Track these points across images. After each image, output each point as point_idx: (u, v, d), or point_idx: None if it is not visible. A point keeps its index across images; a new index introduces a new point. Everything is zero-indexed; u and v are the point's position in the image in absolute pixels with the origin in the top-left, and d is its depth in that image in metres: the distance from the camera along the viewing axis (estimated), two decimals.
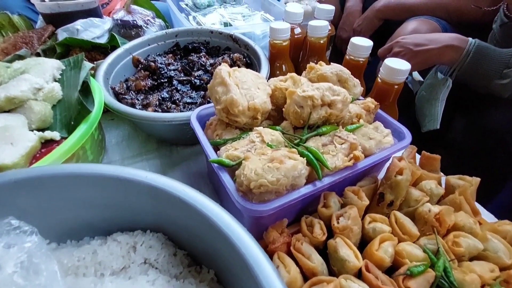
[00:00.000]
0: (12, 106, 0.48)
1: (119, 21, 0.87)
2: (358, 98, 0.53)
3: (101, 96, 0.55)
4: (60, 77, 0.56)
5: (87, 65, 0.58)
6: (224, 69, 0.46)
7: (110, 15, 0.92)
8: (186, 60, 0.75)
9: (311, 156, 0.39)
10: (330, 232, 0.39)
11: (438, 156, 0.50)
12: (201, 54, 0.76)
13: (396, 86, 0.56)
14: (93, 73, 0.64)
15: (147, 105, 0.63)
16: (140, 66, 0.73)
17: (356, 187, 0.43)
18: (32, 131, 0.47)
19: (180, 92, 0.67)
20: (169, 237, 0.37)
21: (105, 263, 0.33)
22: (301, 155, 0.39)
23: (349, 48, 0.63)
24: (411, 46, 0.73)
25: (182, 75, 0.71)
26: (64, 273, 0.32)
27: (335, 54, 1.11)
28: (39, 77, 0.52)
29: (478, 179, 0.46)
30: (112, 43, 0.78)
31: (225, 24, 0.99)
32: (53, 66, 0.56)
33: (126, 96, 0.64)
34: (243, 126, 0.46)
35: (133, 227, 0.37)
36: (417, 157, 0.54)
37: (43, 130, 0.48)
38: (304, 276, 0.36)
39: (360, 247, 0.38)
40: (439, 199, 0.46)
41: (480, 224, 0.42)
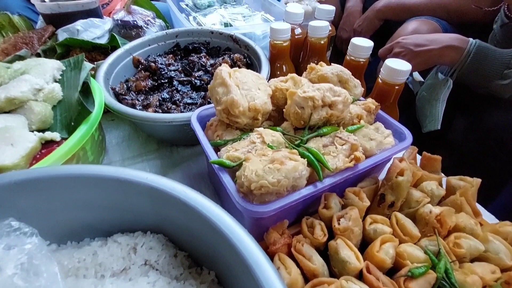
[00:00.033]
0: (13, 106, 0.48)
1: (119, 21, 0.87)
2: (358, 99, 0.53)
3: (101, 96, 0.54)
4: (60, 77, 0.56)
5: (88, 66, 0.58)
6: (224, 69, 0.46)
7: (110, 16, 0.92)
8: (186, 61, 0.75)
9: (312, 157, 0.38)
10: (331, 233, 0.39)
11: (439, 157, 0.50)
12: (201, 54, 0.76)
13: (396, 87, 0.56)
14: (93, 73, 0.64)
15: (147, 105, 0.63)
16: (140, 66, 0.72)
17: (357, 188, 0.43)
18: (32, 132, 0.47)
19: (180, 93, 0.67)
20: (170, 238, 0.37)
21: (105, 265, 0.33)
22: (302, 156, 0.38)
23: (350, 49, 0.63)
24: (412, 46, 0.73)
25: (182, 75, 0.71)
26: (64, 274, 0.32)
27: (336, 55, 1.11)
28: (40, 77, 0.52)
29: (479, 180, 0.46)
30: (113, 44, 0.78)
31: (225, 25, 0.99)
32: (54, 66, 0.56)
33: (126, 97, 0.64)
34: (244, 127, 0.46)
35: (134, 228, 0.37)
36: (418, 157, 0.54)
37: (43, 131, 0.48)
38: (305, 278, 0.35)
39: (361, 248, 0.38)
40: (440, 200, 0.46)
41: (481, 225, 0.41)
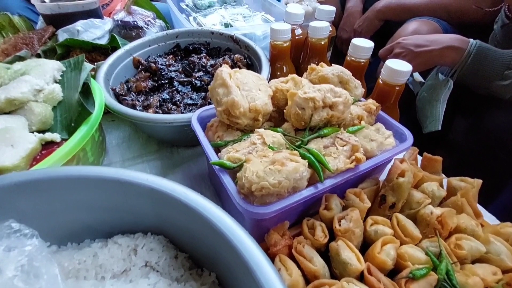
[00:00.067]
0: (13, 107, 0.48)
1: (119, 22, 0.87)
2: (359, 100, 0.53)
3: (101, 97, 0.54)
4: (60, 78, 0.56)
5: (88, 66, 0.58)
6: (225, 70, 0.46)
7: (110, 16, 0.92)
8: (186, 61, 0.75)
9: (312, 158, 0.38)
10: (332, 234, 0.39)
11: (439, 158, 0.50)
12: (201, 55, 0.75)
13: (397, 88, 0.56)
14: (93, 74, 0.63)
15: (147, 106, 0.62)
16: (140, 67, 0.72)
17: (357, 189, 0.43)
18: (32, 132, 0.47)
19: (180, 93, 0.66)
20: (170, 240, 0.36)
21: (106, 266, 0.33)
22: (303, 157, 0.38)
23: (350, 49, 0.63)
24: (412, 47, 0.73)
25: (182, 76, 0.71)
26: (64, 276, 0.32)
27: (336, 55, 1.11)
28: (40, 78, 0.52)
29: (480, 181, 0.46)
30: (113, 44, 0.78)
31: (225, 25, 0.99)
32: (54, 67, 0.56)
33: (126, 98, 0.64)
34: (244, 127, 0.46)
35: (134, 229, 0.37)
36: (419, 158, 0.54)
37: (43, 132, 0.48)
38: (306, 279, 0.35)
39: (362, 250, 0.38)
40: (441, 201, 0.46)
41: (482, 226, 0.41)
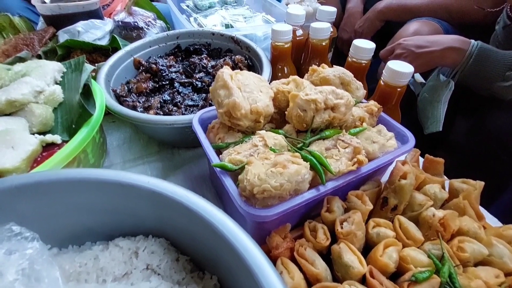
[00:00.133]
0: (13, 109, 0.48)
1: (120, 22, 0.87)
2: (361, 101, 0.53)
3: (102, 98, 0.54)
4: (61, 79, 0.56)
5: (88, 68, 0.58)
6: (226, 72, 0.46)
7: (110, 17, 0.91)
8: (187, 62, 0.75)
9: (314, 160, 0.38)
10: (334, 237, 0.39)
11: (441, 160, 0.49)
12: (202, 56, 0.75)
13: (399, 89, 0.56)
14: (94, 75, 0.63)
15: (148, 107, 0.62)
16: (141, 68, 0.72)
17: (359, 191, 0.43)
18: (33, 134, 0.46)
19: (181, 95, 0.66)
20: (172, 242, 0.36)
21: (107, 269, 0.33)
22: (305, 159, 0.38)
23: (352, 50, 0.63)
24: (413, 48, 0.73)
25: (183, 77, 0.71)
26: (65, 279, 0.32)
27: (337, 56, 1.11)
28: (40, 79, 0.52)
29: (482, 182, 0.45)
30: (113, 45, 0.78)
31: (226, 26, 0.99)
32: (54, 68, 0.56)
33: (127, 99, 0.64)
34: (246, 129, 0.46)
35: (135, 232, 0.37)
36: (420, 160, 0.53)
37: (44, 134, 0.47)
38: (308, 282, 0.35)
39: (363, 252, 0.38)
40: (443, 203, 0.45)
41: (484, 228, 0.41)
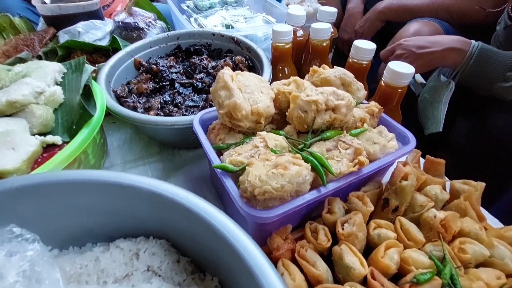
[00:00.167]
0: (14, 110, 0.48)
1: (120, 23, 0.87)
2: (361, 102, 0.53)
3: (103, 99, 0.54)
4: (61, 80, 0.56)
5: (89, 68, 0.58)
6: (227, 73, 0.46)
7: (111, 17, 0.91)
8: (188, 63, 0.75)
9: (315, 161, 0.38)
10: (335, 238, 0.39)
11: (442, 161, 0.49)
12: (203, 56, 0.75)
13: (400, 90, 0.56)
14: (94, 76, 0.63)
15: (149, 108, 0.62)
16: (142, 69, 0.72)
17: (360, 192, 0.43)
18: (33, 135, 0.46)
19: (182, 95, 0.66)
20: (172, 244, 0.36)
21: (107, 271, 0.33)
22: (306, 160, 0.38)
23: (352, 51, 0.63)
24: (414, 48, 0.72)
25: (184, 78, 0.71)
26: (66, 280, 0.32)
27: (337, 56, 1.11)
28: (41, 80, 0.52)
29: (483, 183, 0.45)
30: (114, 46, 0.78)
31: (226, 26, 0.99)
32: (55, 69, 0.55)
33: (128, 99, 0.64)
34: (246, 130, 0.46)
35: (136, 233, 0.36)
36: (421, 161, 0.53)
37: (44, 135, 0.47)
38: (309, 284, 0.35)
39: (365, 253, 0.38)
40: (444, 204, 0.45)
41: (485, 229, 0.41)
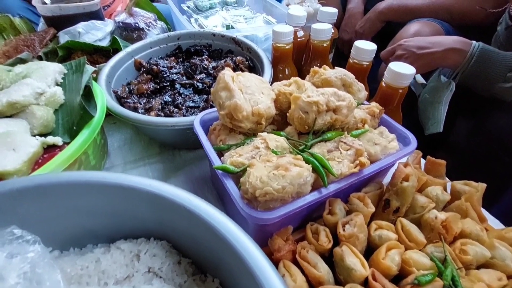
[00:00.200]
0: (14, 111, 0.48)
1: (120, 23, 0.87)
2: (362, 103, 0.53)
3: (103, 100, 0.54)
4: (62, 81, 0.56)
5: (89, 69, 0.58)
6: (227, 73, 0.46)
7: (111, 17, 0.91)
8: (188, 63, 0.75)
9: (316, 162, 0.38)
10: (336, 239, 0.39)
11: (443, 162, 0.49)
12: (203, 57, 0.75)
13: (400, 90, 0.56)
14: (95, 76, 0.63)
15: (149, 109, 0.62)
16: (142, 69, 0.72)
17: (361, 193, 0.43)
18: (34, 136, 0.46)
19: (182, 96, 0.66)
20: (173, 245, 0.36)
21: (108, 272, 0.33)
22: (307, 161, 0.38)
23: (353, 52, 0.63)
24: (414, 49, 0.72)
25: (184, 78, 0.71)
26: (67, 282, 0.32)
27: (338, 57, 1.10)
28: (41, 81, 0.52)
29: (484, 185, 0.45)
30: (114, 46, 0.78)
31: (227, 27, 0.99)
32: (55, 70, 0.55)
33: (128, 100, 0.64)
34: (247, 131, 0.46)
35: (137, 234, 0.36)
36: (422, 162, 0.53)
37: (45, 135, 0.47)
38: (310, 285, 0.35)
39: (366, 254, 0.38)
40: (445, 205, 0.45)
41: (486, 231, 0.41)
